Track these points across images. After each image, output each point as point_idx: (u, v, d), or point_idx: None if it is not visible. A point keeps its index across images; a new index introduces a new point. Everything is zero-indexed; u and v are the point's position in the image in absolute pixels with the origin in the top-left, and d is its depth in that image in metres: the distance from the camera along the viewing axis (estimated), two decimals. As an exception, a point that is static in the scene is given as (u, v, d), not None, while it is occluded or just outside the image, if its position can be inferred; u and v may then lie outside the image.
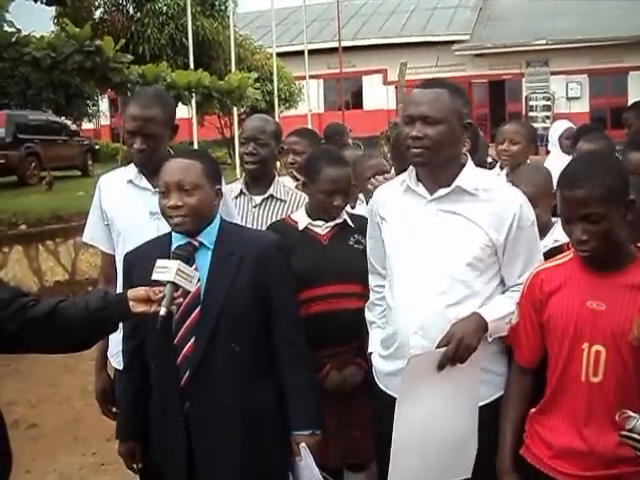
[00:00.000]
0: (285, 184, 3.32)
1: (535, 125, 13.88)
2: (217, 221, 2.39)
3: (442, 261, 2.24)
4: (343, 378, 2.80)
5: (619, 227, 1.96)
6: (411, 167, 2.36)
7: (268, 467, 2.33)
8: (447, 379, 2.14)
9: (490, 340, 2.22)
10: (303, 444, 2.32)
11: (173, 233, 2.35)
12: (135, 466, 2.52)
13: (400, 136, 3.37)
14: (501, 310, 2.23)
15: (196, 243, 2.32)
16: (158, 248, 2.33)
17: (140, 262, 2.31)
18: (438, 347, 2.15)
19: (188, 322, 2.26)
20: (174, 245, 2.33)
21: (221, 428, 2.26)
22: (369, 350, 2.58)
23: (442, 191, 2.27)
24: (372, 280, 2.60)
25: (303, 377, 2.37)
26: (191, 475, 2.31)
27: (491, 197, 2.27)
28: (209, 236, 2.34)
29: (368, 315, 2.63)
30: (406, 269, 2.32)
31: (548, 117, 24.48)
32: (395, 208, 2.39)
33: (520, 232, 2.25)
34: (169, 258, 2.19)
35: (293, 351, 2.36)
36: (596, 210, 1.92)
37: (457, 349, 2.12)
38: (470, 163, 2.34)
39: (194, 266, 2.27)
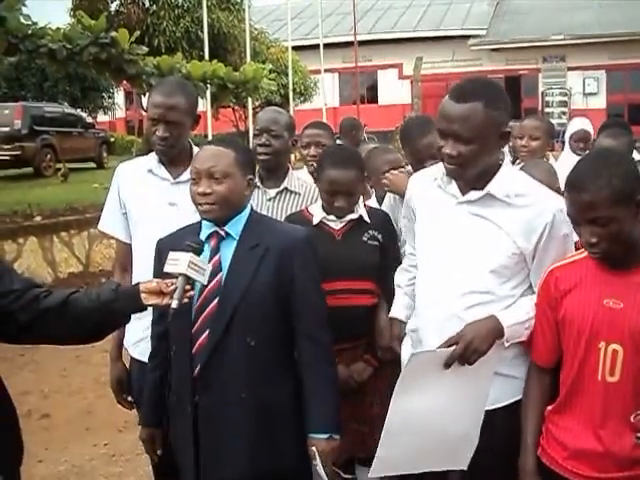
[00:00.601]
0: (299, 177, 3.30)
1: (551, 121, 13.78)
2: (247, 212, 2.36)
3: (466, 266, 2.20)
4: (349, 374, 2.78)
5: (630, 227, 1.92)
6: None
7: (280, 464, 2.29)
8: (456, 377, 2.11)
9: (507, 345, 2.15)
10: (314, 448, 2.25)
11: (203, 221, 2.34)
12: (156, 452, 2.50)
13: (408, 127, 3.33)
14: (522, 314, 2.17)
15: (222, 232, 2.31)
16: (188, 236, 2.31)
17: (170, 248, 2.26)
18: (447, 345, 2.10)
19: (206, 312, 2.24)
20: (204, 232, 2.32)
21: (229, 421, 2.23)
22: (390, 315, 2.53)
23: (473, 195, 2.21)
24: (408, 248, 2.59)
25: (323, 377, 2.31)
26: (199, 465, 2.29)
27: (524, 204, 2.18)
28: (236, 226, 2.31)
29: (397, 278, 2.60)
30: (431, 266, 2.30)
31: (564, 113, 24.33)
32: (426, 201, 2.36)
33: (550, 242, 2.17)
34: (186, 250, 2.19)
35: (314, 349, 2.30)
36: (603, 213, 1.88)
37: (464, 351, 2.07)
38: (506, 166, 2.26)
39: (218, 256, 2.27)
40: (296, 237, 2.36)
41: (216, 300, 2.24)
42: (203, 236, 2.32)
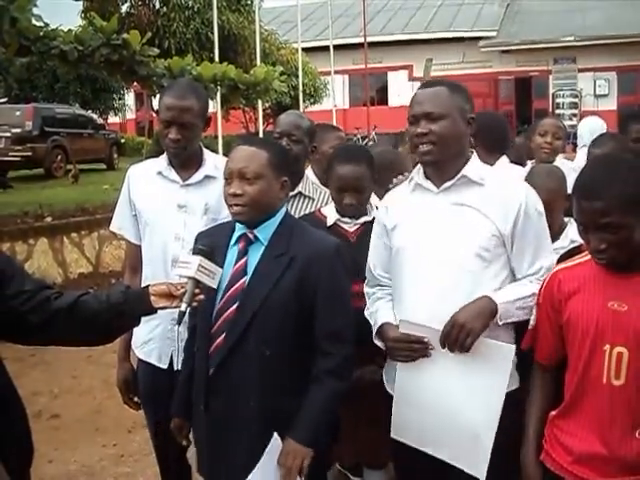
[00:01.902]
0: (314, 182, 3.29)
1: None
2: (279, 216, 2.31)
3: (452, 253, 2.23)
4: (361, 373, 2.77)
5: (639, 233, 1.91)
6: (418, 165, 2.38)
7: None
8: (463, 365, 2.17)
9: (500, 323, 2.19)
10: (279, 441, 2.18)
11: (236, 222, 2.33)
12: (181, 442, 2.50)
13: None
14: (515, 292, 2.22)
15: (251, 236, 2.28)
16: (221, 233, 2.32)
17: (206, 243, 2.25)
18: (443, 333, 2.17)
19: (225, 314, 2.24)
20: (236, 233, 2.32)
21: (235, 426, 2.23)
22: (380, 322, 2.38)
23: (449, 182, 2.29)
24: (377, 271, 2.53)
25: (324, 392, 2.22)
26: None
27: (497, 187, 2.28)
28: (266, 231, 2.27)
29: (368, 291, 2.56)
30: (417, 264, 2.30)
31: (575, 115, 24.24)
32: (405, 208, 2.39)
33: (527, 221, 2.24)
34: (226, 245, 2.23)
35: (325, 364, 2.23)
36: (615, 220, 1.88)
37: (458, 334, 2.13)
38: (475, 157, 2.35)
39: (244, 259, 2.26)
40: (324, 247, 2.29)
41: (236, 304, 2.22)
42: (235, 237, 2.32)
